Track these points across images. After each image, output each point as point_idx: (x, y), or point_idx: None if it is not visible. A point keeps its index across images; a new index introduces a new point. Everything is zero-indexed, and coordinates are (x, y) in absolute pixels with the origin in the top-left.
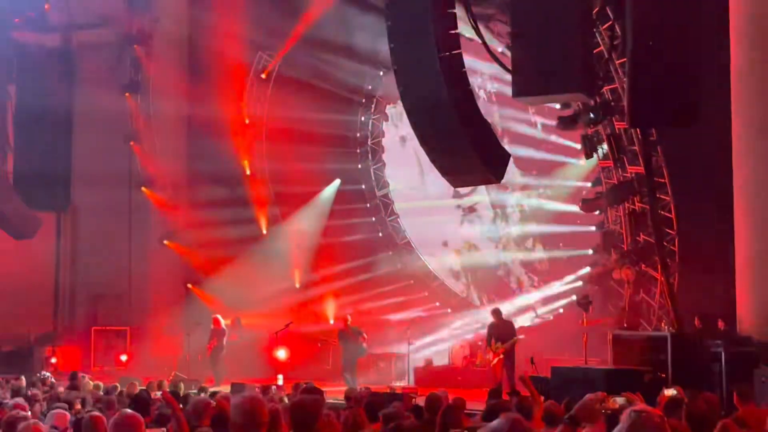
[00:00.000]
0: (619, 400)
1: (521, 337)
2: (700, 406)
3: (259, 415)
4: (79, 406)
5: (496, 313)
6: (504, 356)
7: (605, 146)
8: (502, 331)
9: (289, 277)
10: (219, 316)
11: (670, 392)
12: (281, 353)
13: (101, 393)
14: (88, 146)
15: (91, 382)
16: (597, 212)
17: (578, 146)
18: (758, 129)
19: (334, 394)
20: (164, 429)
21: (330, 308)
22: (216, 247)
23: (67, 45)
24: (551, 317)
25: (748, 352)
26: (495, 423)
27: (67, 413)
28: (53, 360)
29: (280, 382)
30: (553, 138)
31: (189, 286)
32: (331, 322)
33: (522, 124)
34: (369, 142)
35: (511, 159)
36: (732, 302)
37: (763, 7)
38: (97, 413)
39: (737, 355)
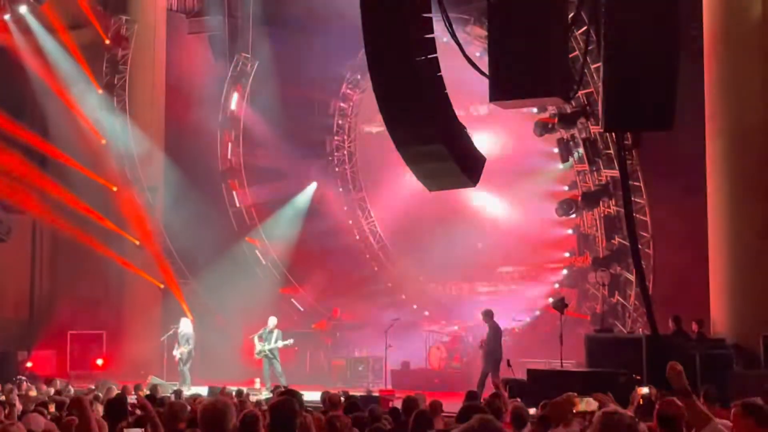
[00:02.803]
0: (591, 401)
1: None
2: (669, 407)
3: (224, 419)
4: (53, 409)
5: (485, 314)
6: (484, 356)
7: (581, 150)
8: (496, 333)
9: (266, 279)
10: (187, 320)
11: (643, 390)
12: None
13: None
14: (64, 149)
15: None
16: (573, 215)
17: (555, 149)
18: (732, 133)
19: (312, 396)
20: (141, 430)
21: (307, 310)
22: (193, 250)
23: (43, 47)
24: (527, 320)
25: (722, 354)
26: (466, 424)
27: (43, 417)
28: (29, 364)
29: (258, 385)
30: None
31: (161, 286)
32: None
33: None
34: (346, 145)
35: None
36: (706, 305)
37: (736, 11)
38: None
39: (711, 357)
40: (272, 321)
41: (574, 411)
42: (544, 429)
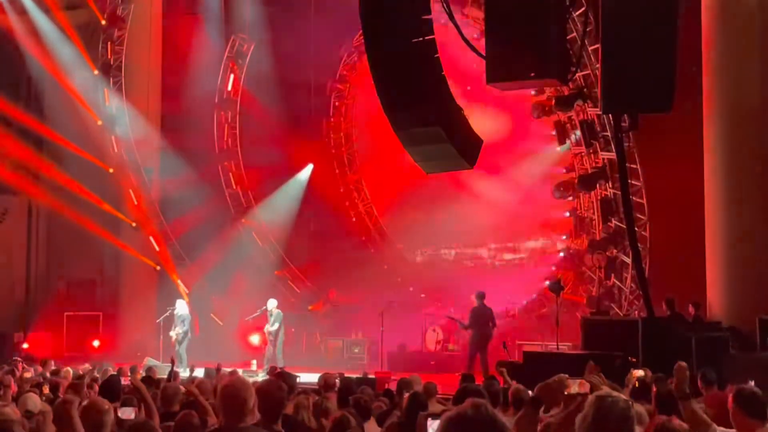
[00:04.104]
0: (584, 383)
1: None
2: (667, 389)
3: (243, 398)
4: (47, 391)
5: (480, 296)
6: (470, 339)
7: (578, 132)
8: (479, 314)
9: (262, 261)
10: (183, 301)
11: (638, 373)
12: (255, 338)
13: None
14: (60, 130)
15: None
16: (569, 198)
17: (552, 132)
18: (729, 116)
19: (307, 378)
20: (134, 409)
21: (303, 292)
22: (189, 231)
23: (38, 28)
24: (524, 302)
25: (718, 337)
26: (459, 407)
27: (39, 397)
28: (25, 345)
29: (254, 366)
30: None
31: (158, 268)
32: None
33: None
34: (343, 126)
35: None
36: (703, 287)
37: None
38: (69, 397)
39: (707, 339)
40: (271, 303)
41: (566, 393)
42: (535, 410)
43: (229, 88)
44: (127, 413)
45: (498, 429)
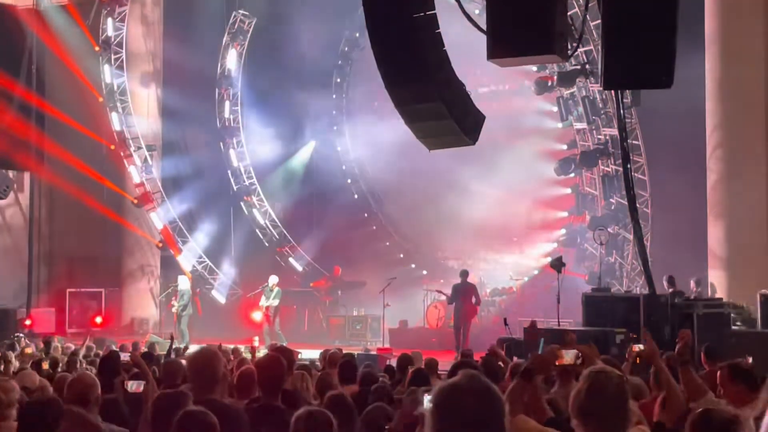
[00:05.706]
0: (576, 354)
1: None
2: (666, 358)
3: (212, 369)
4: (47, 367)
5: (462, 274)
6: (453, 314)
7: (580, 109)
8: (459, 290)
9: (264, 238)
10: (185, 278)
11: (638, 347)
12: (257, 315)
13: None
14: (62, 107)
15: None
16: (571, 175)
17: (554, 108)
18: (733, 94)
19: (309, 354)
20: (142, 382)
21: (305, 269)
22: (191, 208)
23: (40, 4)
24: (525, 279)
25: (720, 313)
26: (453, 378)
27: (36, 374)
28: (28, 322)
29: (256, 343)
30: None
31: (159, 245)
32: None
33: None
34: (344, 104)
35: None
36: (704, 263)
37: None
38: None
39: (709, 315)
40: (272, 279)
41: (557, 363)
42: (527, 381)
43: (230, 64)
44: (135, 386)
45: (490, 398)
